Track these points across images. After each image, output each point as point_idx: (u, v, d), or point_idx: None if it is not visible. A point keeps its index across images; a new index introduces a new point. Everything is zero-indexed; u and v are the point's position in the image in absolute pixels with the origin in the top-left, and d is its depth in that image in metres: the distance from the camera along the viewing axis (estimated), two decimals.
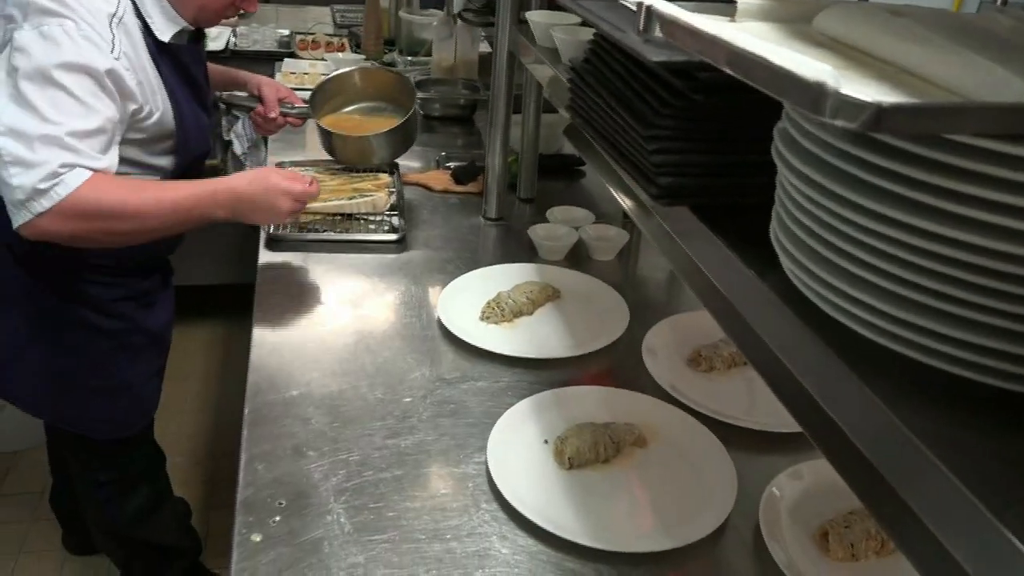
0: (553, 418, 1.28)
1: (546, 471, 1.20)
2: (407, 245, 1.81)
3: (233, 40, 3.10)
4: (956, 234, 0.50)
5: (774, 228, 0.68)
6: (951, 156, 0.49)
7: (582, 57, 1.05)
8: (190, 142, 1.57)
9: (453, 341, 1.48)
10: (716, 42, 0.53)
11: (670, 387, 1.38)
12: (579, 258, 1.83)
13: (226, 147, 2.84)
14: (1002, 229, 0.48)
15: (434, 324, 1.53)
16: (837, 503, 1.12)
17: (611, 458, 1.22)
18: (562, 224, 1.88)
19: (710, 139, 0.81)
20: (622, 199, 1.02)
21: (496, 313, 1.55)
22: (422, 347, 1.47)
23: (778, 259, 0.66)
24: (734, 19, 0.65)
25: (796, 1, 0.67)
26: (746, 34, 0.52)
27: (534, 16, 1.54)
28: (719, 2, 0.69)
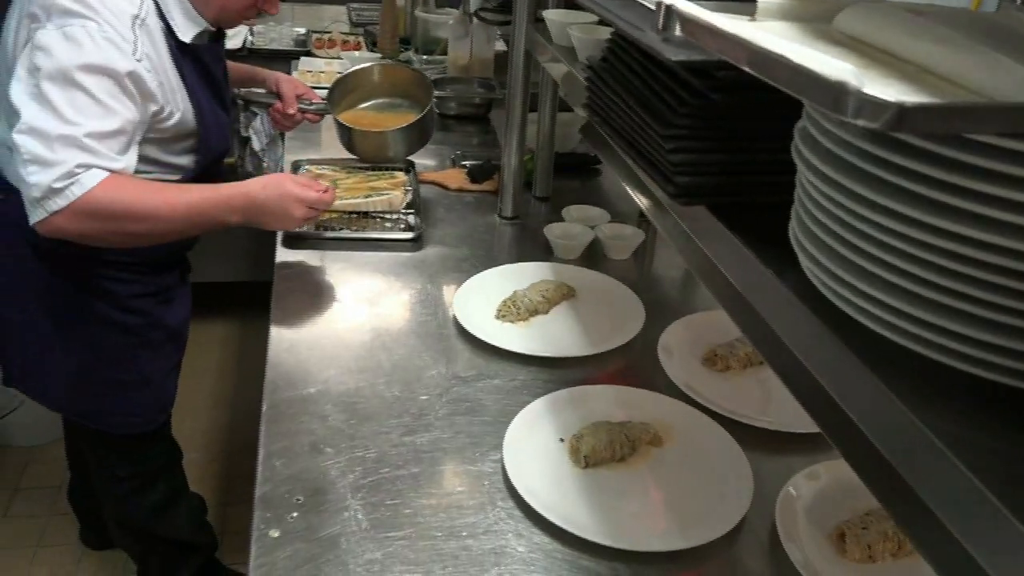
0: (568, 417, 1.28)
1: (562, 469, 1.20)
2: (423, 243, 1.82)
3: (250, 39, 3.11)
4: (977, 234, 0.50)
5: (793, 227, 0.68)
6: (973, 156, 0.49)
7: (599, 56, 1.05)
8: (211, 141, 1.58)
9: (469, 339, 1.48)
10: (737, 41, 0.53)
11: (686, 386, 1.38)
12: (595, 257, 1.83)
13: (244, 143, 2.86)
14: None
15: (450, 322, 1.54)
16: (854, 504, 1.12)
17: (627, 457, 1.22)
18: (577, 223, 1.88)
19: (728, 138, 0.81)
20: (638, 198, 1.02)
21: (512, 312, 1.55)
22: (438, 345, 1.47)
23: (795, 258, 0.66)
24: (754, 18, 0.65)
25: (816, 0, 0.67)
26: (767, 33, 0.52)
27: (551, 14, 1.54)
28: (739, 1, 0.69)
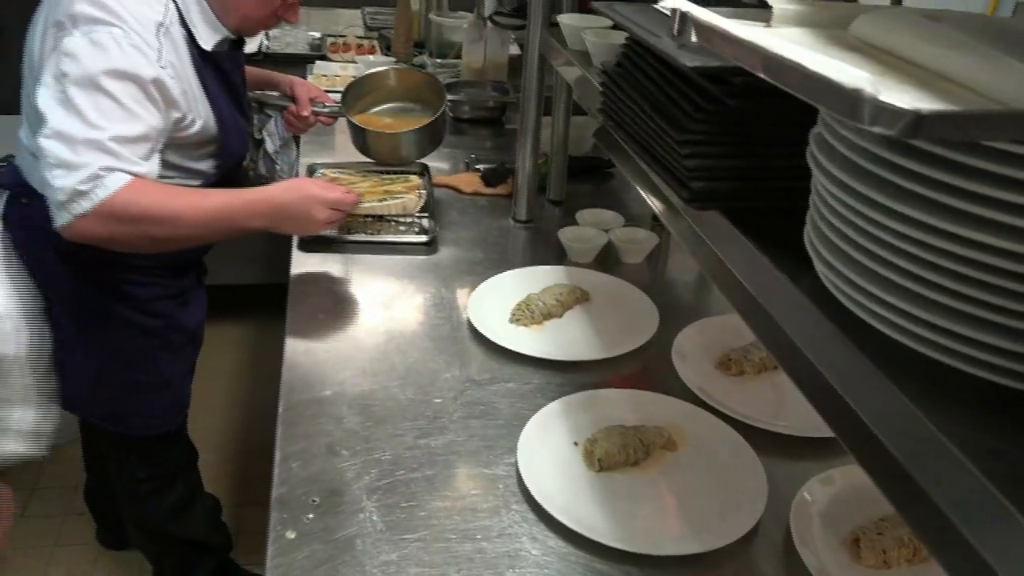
0: (582, 420, 1.29)
1: (575, 473, 1.20)
2: (437, 247, 1.82)
3: (266, 43, 3.13)
4: (994, 240, 0.50)
5: (808, 232, 0.68)
6: (989, 162, 0.49)
7: (614, 61, 1.05)
8: (231, 147, 1.60)
9: (483, 342, 1.49)
10: (753, 48, 0.54)
11: (699, 390, 1.38)
12: (608, 260, 1.83)
13: (257, 146, 2.87)
14: None
15: (464, 325, 1.54)
16: (869, 509, 1.12)
17: (640, 461, 1.22)
18: (591, 226, 1.89)
19: (743, 143, 0.81)
20: (652, 202, 1.02)
21: (525, 315, 1.56)
22: (452, 348, 1.48)
23: (810, 263, 0.66)
24: (770, 24, 0.65)
25: (832, 7, 0.67)
26: (782, 40, 0.52)
27: (565, 19, 1.54)
28: (755, 7, 0.69)
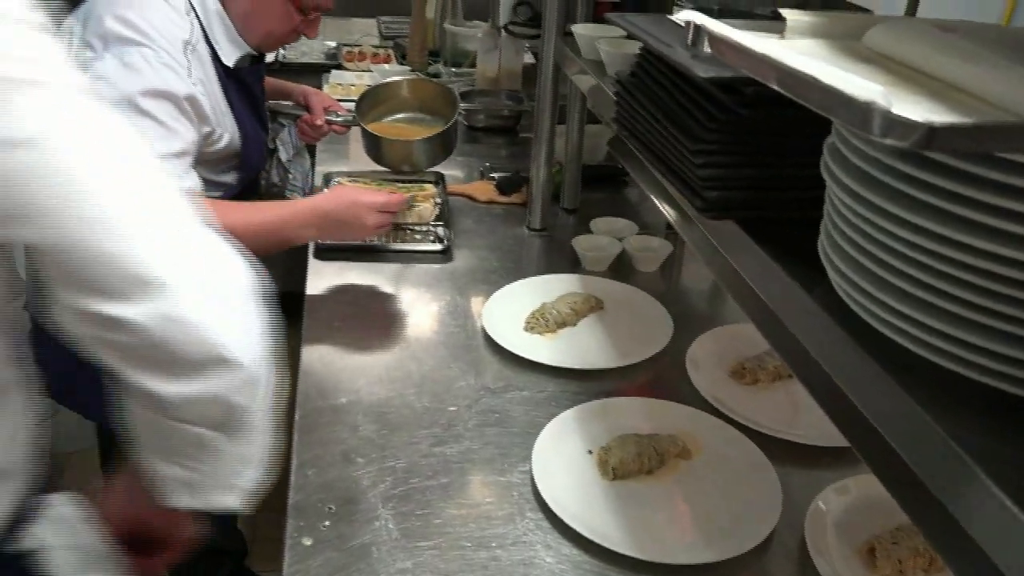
0: (597, 428, 1.29)
1: (590, 481, 1.20)
2: (452, 255, 1.83)
3: (282, 52, 3.15)
4: (1007, 251, 0.50)
5: (822, 242, 0.68)
6: (1002, 174, 0.49)
7: (628, 70, 1.06)
8: (252, 159, 1.63)
9: (497, 351, 1.49)
10: (766, 61, 0.54)
11: (713, 399, 1.38)
12: (622, 269, 1.83)
13: (271, 154, 2.90)
14: None
15: (478, 334, 1.55)
16: (884, 519, 1.11)
17: (655, 469, 1.22)
18: (605, 235, 1.89)
19: (757, 153, 0.82)
20: (666, 210, 1.03)
21: (540, 323, 1.56)
22: (467, 356, 1.48)
23: (823, 272, 0.67)
24: (783, 36, 0.65)
25: (846, 17, 0.67)
26: (795, 52, 0.53)
27: (580, 29, 1.55)
28: (768, 19, 0.70)
